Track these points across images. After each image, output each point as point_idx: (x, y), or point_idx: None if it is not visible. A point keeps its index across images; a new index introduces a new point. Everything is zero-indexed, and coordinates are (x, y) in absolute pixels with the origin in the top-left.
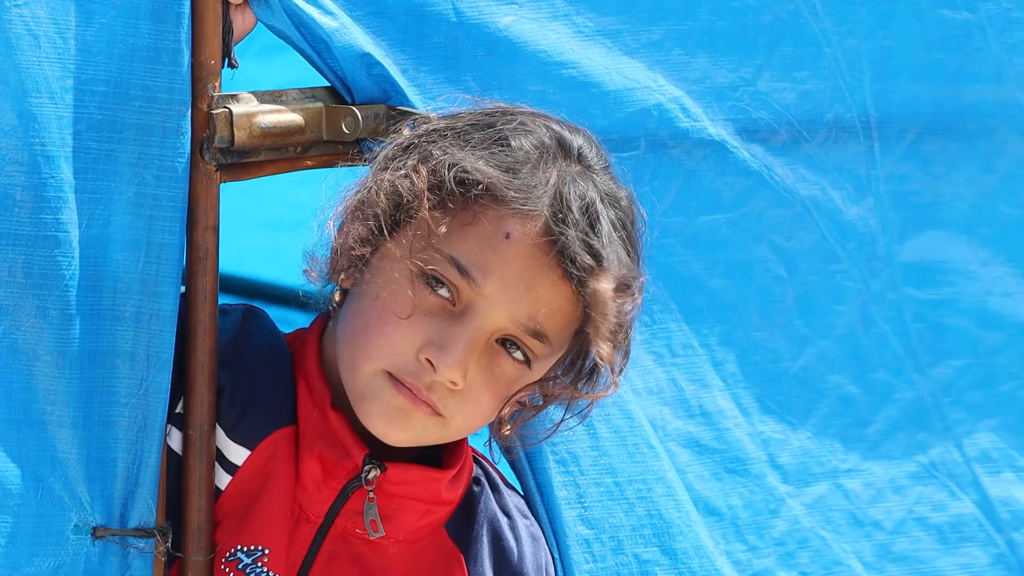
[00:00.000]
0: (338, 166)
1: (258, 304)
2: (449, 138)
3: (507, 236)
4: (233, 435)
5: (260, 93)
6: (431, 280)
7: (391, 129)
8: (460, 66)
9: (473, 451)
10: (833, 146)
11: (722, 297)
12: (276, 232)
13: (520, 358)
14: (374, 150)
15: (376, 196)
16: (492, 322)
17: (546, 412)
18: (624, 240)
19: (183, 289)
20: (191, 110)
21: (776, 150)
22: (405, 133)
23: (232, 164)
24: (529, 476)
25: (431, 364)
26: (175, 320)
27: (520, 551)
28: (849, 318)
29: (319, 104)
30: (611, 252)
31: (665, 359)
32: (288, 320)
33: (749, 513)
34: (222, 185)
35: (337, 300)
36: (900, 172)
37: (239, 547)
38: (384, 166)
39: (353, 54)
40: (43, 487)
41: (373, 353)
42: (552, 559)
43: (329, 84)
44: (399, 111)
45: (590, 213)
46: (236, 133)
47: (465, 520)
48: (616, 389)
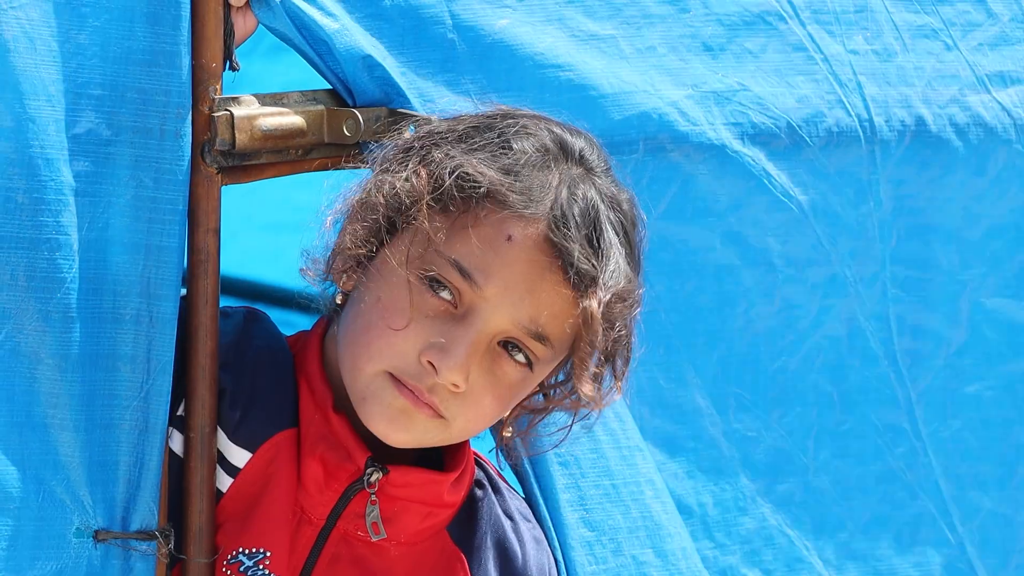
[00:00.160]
0: (339, 168)
1: (259, 306)
2: (450, 140)
3: (509, 239)
4: (234, 437)
5: (261, 96)
6: (432, 282)
7: (392, 132)
8: (457, 69)
9: (475, 453)
10: (835, 151)
11: (710, 299)
12: (277, 234)
13: (522, 360)
14: (375, 152)
15: (377, 198)
16: (494, 324)
17: (549, 417)
18: (625, 244)
19: (184, 292)
20: (192, 113)
21: (777, 154)
22: (406, 135)
23: (233, 167)
24: (531, 478)
25: (433, 366)
26: (175, 323)
27: (524, 554)
28: (834, 321)
29: (320, 107)
30: (611, 262)
31: (646, 358)
32: (290, 322)
33: (719, 511)
34: (223, 187)
35: (339, 302)
36: (898, 176)
37: (241, 549)
38: (385, 168)
39: (355, 56)
40: (45, 490)
41: (375, 354)
42: (555, 562)
43: (330, 86)
44: (400, 114)
45: (591, 216)
46: (237, 136)
47: (467, 523)
48: (620, 396)
